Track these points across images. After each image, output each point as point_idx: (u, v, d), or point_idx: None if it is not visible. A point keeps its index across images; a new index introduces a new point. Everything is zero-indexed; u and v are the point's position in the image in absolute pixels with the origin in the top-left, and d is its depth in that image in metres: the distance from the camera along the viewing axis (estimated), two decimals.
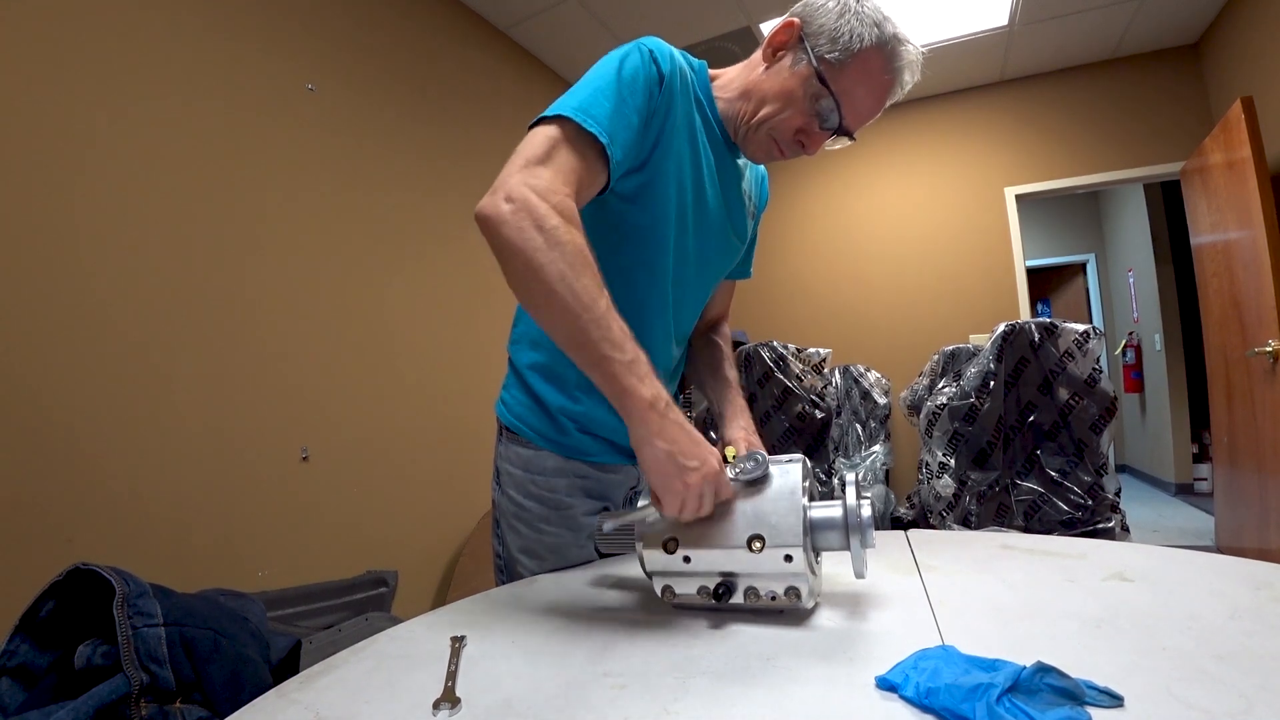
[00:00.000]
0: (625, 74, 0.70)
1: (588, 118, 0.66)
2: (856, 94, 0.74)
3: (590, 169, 0.67)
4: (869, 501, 0.58)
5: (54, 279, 1.43)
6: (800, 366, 3.30)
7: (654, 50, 0.74)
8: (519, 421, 0.86)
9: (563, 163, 0.65)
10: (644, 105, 0.71)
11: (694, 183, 0.80)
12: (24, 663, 0.68)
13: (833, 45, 0.72)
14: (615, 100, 0.68)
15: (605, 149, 0.67)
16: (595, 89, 0.68)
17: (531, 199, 0.61)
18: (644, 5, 2.91)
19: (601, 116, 0.67)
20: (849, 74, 0.73)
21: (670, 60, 0.75)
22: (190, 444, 1.65)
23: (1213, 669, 0.43)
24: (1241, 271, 2.64)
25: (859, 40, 0.71)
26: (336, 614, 1.67)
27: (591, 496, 0.86)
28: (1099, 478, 2.29)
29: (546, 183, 0.63)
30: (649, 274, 0.82)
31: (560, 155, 0.65)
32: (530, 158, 0.64)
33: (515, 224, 0.61)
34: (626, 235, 0.79)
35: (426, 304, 2.43)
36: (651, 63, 0.73)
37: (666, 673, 0.49)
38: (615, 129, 0.68)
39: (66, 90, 1.47)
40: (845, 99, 0.74)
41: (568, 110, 0.66)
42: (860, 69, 0.72)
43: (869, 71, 0.73)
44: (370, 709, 0.46)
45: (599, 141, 0.66)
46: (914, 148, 3.95)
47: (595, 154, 0.67)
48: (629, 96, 0.70)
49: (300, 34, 2.05)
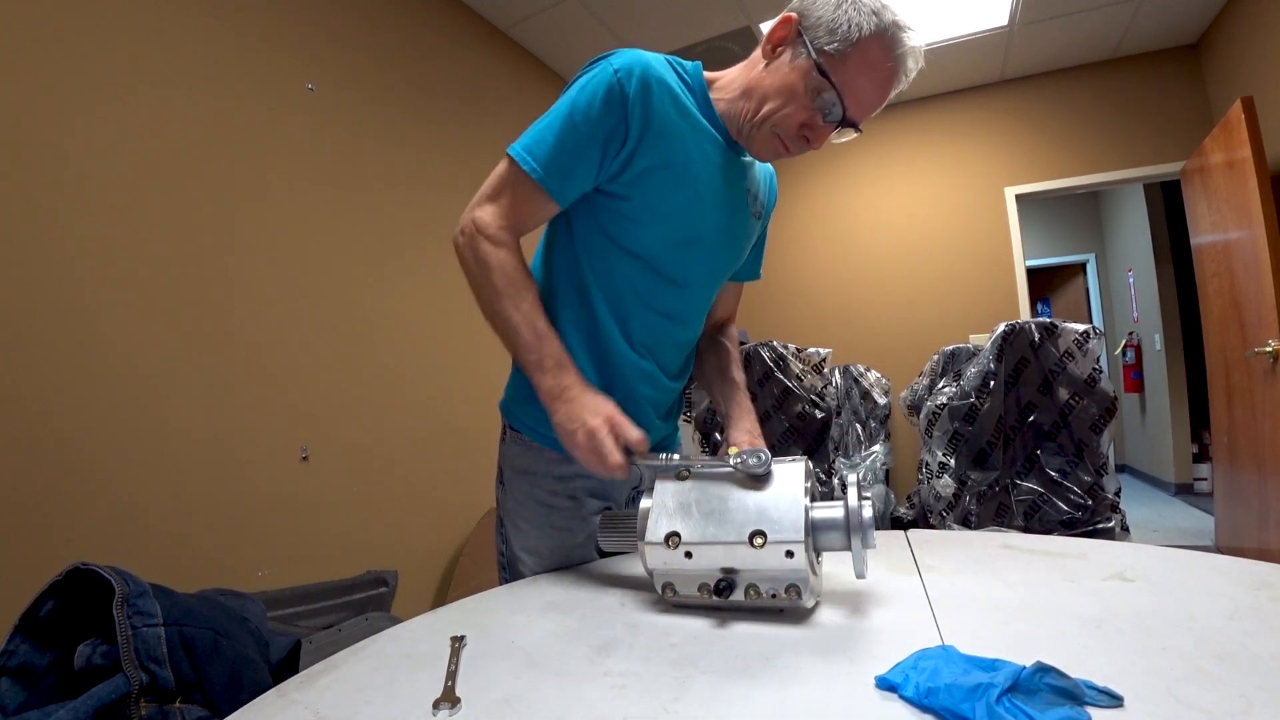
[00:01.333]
0: (581, 103, 0.75)
1: (528, 157, 0.76)
2: (859, 84, 0.73)
3: (532, 201, 0.78)
4: (870, 502, 0.58)
5: (53, 279, 1.43)
6: (800, 366, 3.30)
7: (618, 70, 0.74)
8: (522, 421, 0.87)
9: (505, 199, 0.78)
10: (604, 129, 0.75)
11: (691, 187, 0.80)
12: (24, 662, 0.68)
13: (831, 37, 0.71)
14: (563, 134, 0.76)
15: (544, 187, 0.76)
16: (547, 124, 0.77)
17: (472, 232, 0.77)
18: (644, 5, 2.91)
19: (542, 154, 0.76)
20: (850, 65, 0.72)
21: (641, 73, 0.75)
22: (190, 444, 1.65)
23: (1213, 669, 0.43)
24: (1241, 271, 2.64)
25: (858, 30, 0.70)
26: (336, 614, 1.67)
27: (594, 496, 0.87)
28: (1099, 478, 2.29)
29: (486, 219, 0.78)
30: (653, 279, 0.82)
31: (505, 192, 0.78)
32: (482, 195, 0.80)
33: (461, 255, 0.79)
34: (628, 244, 0.81)
35: (426, 303, 2.43)
36: (616, 85, 0.74)
37: (666, 673, 0.49)
38: (558, 163, 0.76)
39: (65, 90, 1.47)
40: (847, 90, 0.73)
41: (514, 150, 0.77)
42: (861, 59, 0.72)
43: (870, 61, 0.72)
44: (370, 709, 0.46)
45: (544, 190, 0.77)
46: (914, 148, 3.95)
47: (536, 188, 0.77)
48: (581, 124, 0.75)
49: (300, 34, 2.05)
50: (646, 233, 0.80)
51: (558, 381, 0.73)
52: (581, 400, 0.72)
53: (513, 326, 0.75)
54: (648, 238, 0.80)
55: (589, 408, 0.71)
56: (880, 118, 0.79)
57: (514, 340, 0.76)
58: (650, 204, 0.78)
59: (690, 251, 0.83)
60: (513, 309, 0.75)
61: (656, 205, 0.79)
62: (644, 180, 0.77)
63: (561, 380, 0.73)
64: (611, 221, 0.80)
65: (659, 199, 0.78)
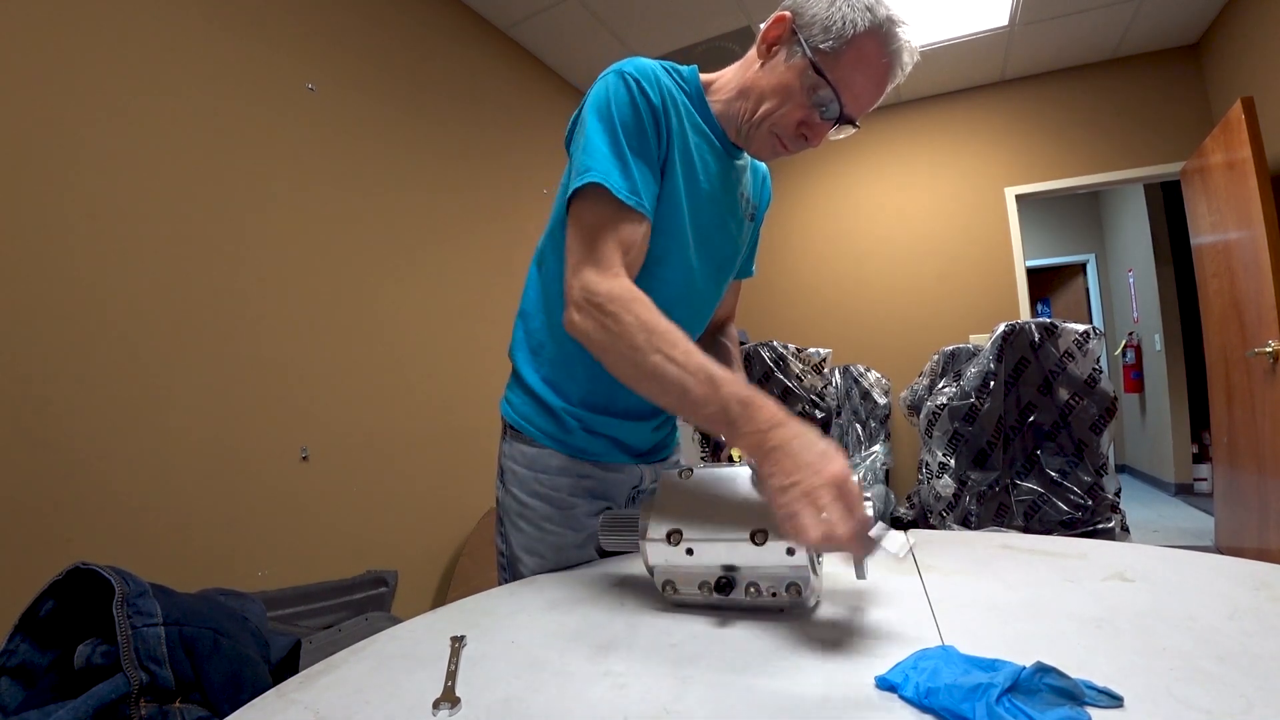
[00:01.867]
0: (623, 121, 0.73)
1: (606, 184, 0.70)
2: (855, 81, 0.73)
3: (631, 231, 0.72)
4: (870, 502, 0.58)
5: (53, 278, 1.43)
6: (800, 366, 3.30)
7: (640, 79, 0.74)
8: (523, 420, 0.87)
9: (602, 249, 0.70)
10: (646, 140, 0.74)
11: (692, 194, 0.80)
12: (24, 662, 0.68)
13: (826, 34, 0.71)
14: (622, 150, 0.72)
15: (635, 207, 0.71)
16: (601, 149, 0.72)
17: (589, 299, 0.68)
18: (644, 5, 2.91)
19: (616, 175, 0.71)
20: (845, 61, 0.72)
21: (657, 85, 0.75)
22: (190, 444, 1.65)
23: (1213, 669, 0.43)
24: (1241, 272, 2.64)
25: (852, 26, 0.70)
26: (336, 614, 1.67)
27: (595, 496, 0.87)
28: (1099, 478, 2.29)
29: (594, 281, 0.69)
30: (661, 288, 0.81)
31: (599, 241, 0.70)
32: (577, 261, 0.71)
33: (585, 328, 0.68)
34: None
35: (427, 303, 2.43)
36: (642, 95, 0.74)
37: (666, 673, 0.49)
38: (639, 186, 0.72)
39: (65, 89, 1.47)
40: (843, 87, 0.73)
41: (587, 182, 0.70)
42: (856, 55, 0.71)
43: (865, 57, 0.72)
44: (370, 709, 0.46)
45: (630, 207, 0.71)
46: (914, 148, 3.95)
47: (628, 215, 0.72)
48: (635, 142, 0.73)
49: (300, 34, 2.05)
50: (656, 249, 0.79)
51: (754, 427, 0.58)
52: (787, 448, 0.56)
53: (674, 383, 0.62)
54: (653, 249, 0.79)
55: (806, 457, 0.54)
56: (881, 118, 0.80)
57: (683, 400, 0.62)
58: (663, 215, 0.78)
59: (689, 258, 0.83)
60: (665, 363, 0.63)
61: (669, 216, 0.79)
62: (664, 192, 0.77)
63: (756, 421, 0.58)
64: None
65: (669, 212, 0.78)
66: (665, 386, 0.64)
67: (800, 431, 0.57)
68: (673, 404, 0.65)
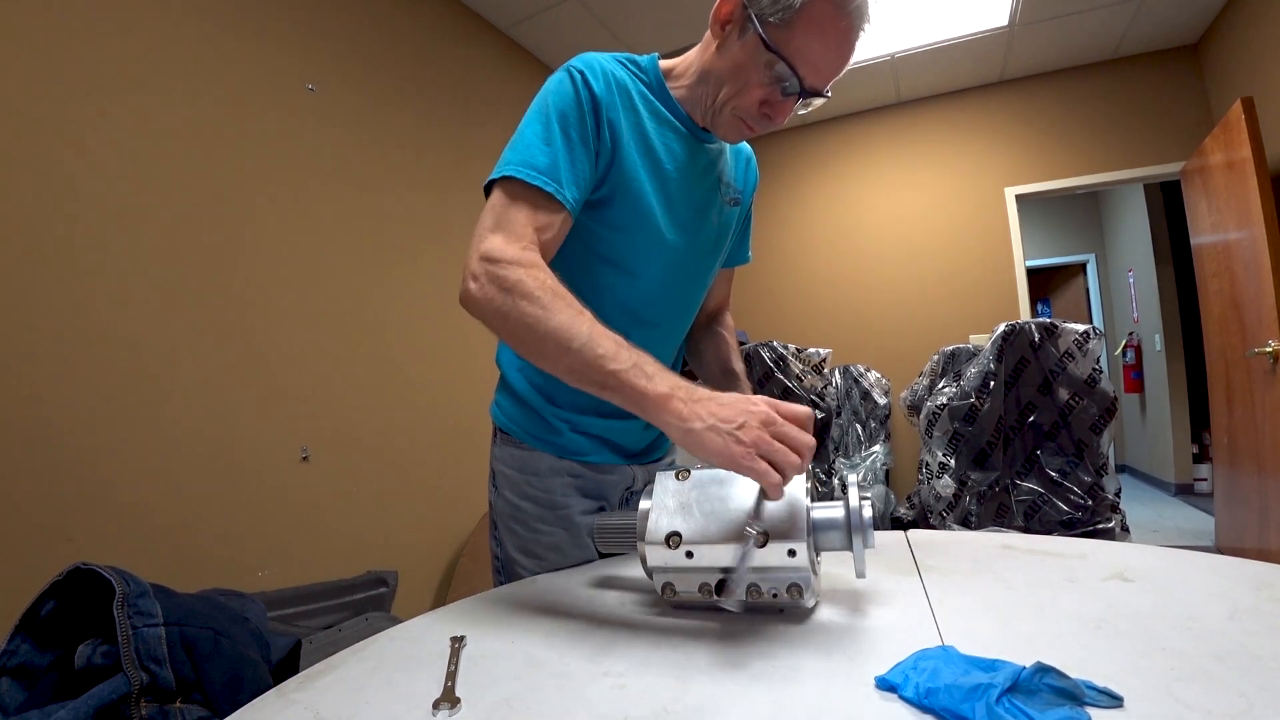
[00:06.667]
0: (557, 109, 0.72)
1: (530, 171, 0.69)
2: (812, 50, 0.69)
3: (545, 215, 0.70)
4: (870, 502, 0.58)
5: (52, 278, 1.43)
6: (800, 366, 3.30)
7: (584, 70, 0.74)
8: (512, 423, 0.87)
9: (513, 222, 0.68)
10: (585, 130, 0.73)
11: (659, 182, 0.79)
12: (24, 662, 0.68)
13: (775, 6, 0.68)
14: (553, 141, 0.70)
15: (554, 195, 0.69)
16: (532, 135, 0.71)
17: (489, 268, 0.65)
18: (644, 5, 2.91)
19: (542, 164, 0.69)
20: (799, 31, 0.68)
21: (603, 76, 0.75)
22: (190, 444, 1.65)
23: (1213, 669, 0.43)
24: (1241, 272, 2.64)
25: None
26: (336, 614, 1.67)
27: (587, 496, 0.86)
28: (1099, 478, 2.29)
29: (499, 247, 0.66)
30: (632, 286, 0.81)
31: (509, 216, 0.68)
32: (482, 231, 0.68)
33: (483, 296, 0.65)
34: (604, 252, 0.80)
35: (426, 304, 2.43)
36: (585, 86, 0.73)
37: (666, 673, 0.49)
38: (558, 170, 0.70)
39: (64, 89, 1.47)
40: (800, 59, 0.69)
41: (510, 170, 0.69)
42: (809, 22, 0.67)
43: (819, 23, 0.67)
44: (370, 709, 0.46)
45: (546, 191, 0.69)
46: (914, 148, 3.94)
47: (546, 200, 0.69)
48: (568, 129, 0.71)
49: (300, 34, 2.05)
50: (621, 238, 0.78)
51: (672, 383, 0.58)
52: (717, 397, 0.57)
53: (584, 344, 0.60)
54: (623, 244, 0.79)
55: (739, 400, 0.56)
56: (881, 118, 0.79)
57: (589, 355, 0.59)
58: (626, 208, 0.77)
59: (665, 246, 0.81)
60: (577, 323, 0.61)
61: (632, 209, 0.77)
62: (621, 184, 0.76)
63: (675, 381, 0.59)
64: (586, 229, 0.78)
65: (630, 204, 0.77)
66: (571, 344, 0.60)
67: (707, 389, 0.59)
68: (581, 364, 0.60)
